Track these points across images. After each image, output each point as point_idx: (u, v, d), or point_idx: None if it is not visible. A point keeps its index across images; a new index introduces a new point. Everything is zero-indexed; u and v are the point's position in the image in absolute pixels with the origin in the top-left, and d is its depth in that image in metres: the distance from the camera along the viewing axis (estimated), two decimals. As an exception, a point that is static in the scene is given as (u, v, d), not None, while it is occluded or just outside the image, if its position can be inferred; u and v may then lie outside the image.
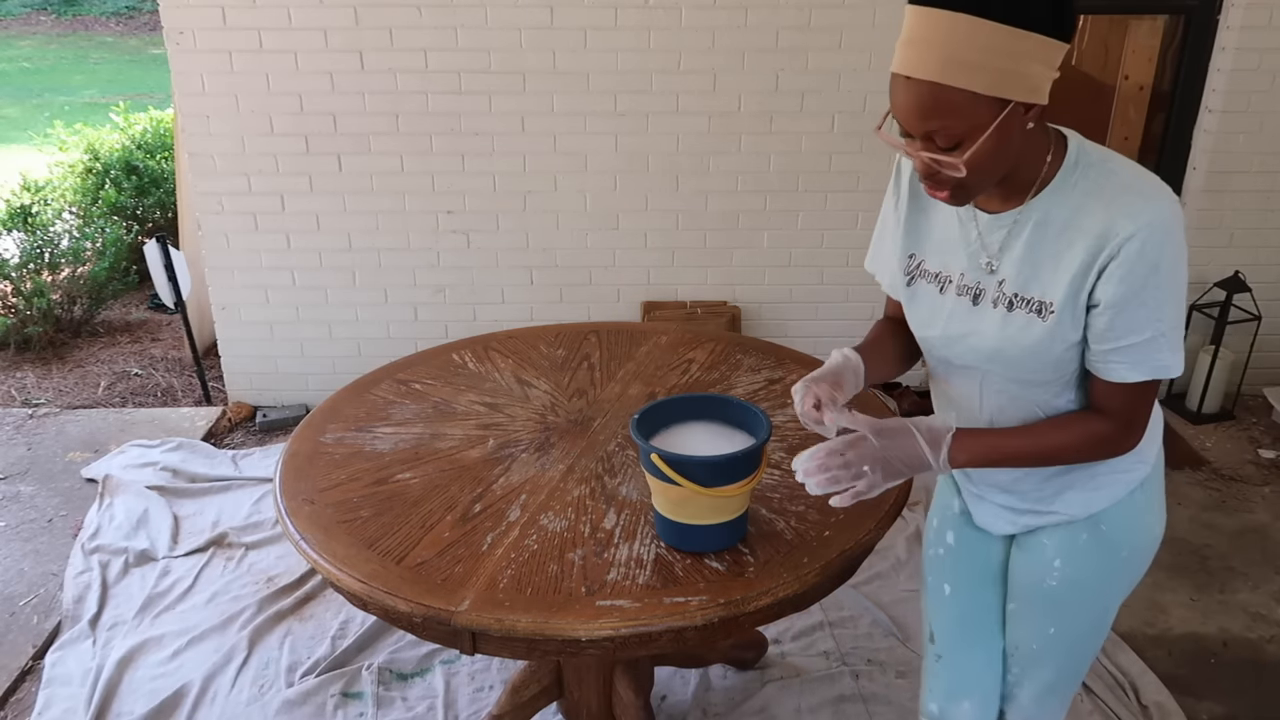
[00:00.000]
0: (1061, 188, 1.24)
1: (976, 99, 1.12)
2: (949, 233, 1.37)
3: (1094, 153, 1.25)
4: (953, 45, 1.10)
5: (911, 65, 1.13)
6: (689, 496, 1.47)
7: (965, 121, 1.13)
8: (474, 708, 2.32)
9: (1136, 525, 1.44)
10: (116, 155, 4.98)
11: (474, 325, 3.72)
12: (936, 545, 1.64)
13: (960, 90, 1.11)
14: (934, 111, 1.13)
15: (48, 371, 4.16)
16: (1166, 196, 1.20)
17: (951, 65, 1.10)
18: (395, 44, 3.37)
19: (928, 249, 1.41)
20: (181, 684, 2.37)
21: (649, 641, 1.41)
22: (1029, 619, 1.52)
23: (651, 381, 2.15)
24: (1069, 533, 1.44)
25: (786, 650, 2.49)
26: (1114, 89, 3.90)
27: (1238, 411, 3.77)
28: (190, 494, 3.19)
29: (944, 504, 1.64)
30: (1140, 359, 1.24)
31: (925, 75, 1.12)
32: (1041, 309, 1.26)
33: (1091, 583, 1.46)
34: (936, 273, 1.39)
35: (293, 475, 1.78)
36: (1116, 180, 1.21)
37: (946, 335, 1.39)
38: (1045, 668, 1.53)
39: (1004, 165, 1.20)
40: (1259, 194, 3.66)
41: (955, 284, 1.36)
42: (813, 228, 3.68)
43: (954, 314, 1.37)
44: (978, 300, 1.34)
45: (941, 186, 1.21)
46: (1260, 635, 2.58)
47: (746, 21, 3.40)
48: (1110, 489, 1.41)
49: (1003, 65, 1.10)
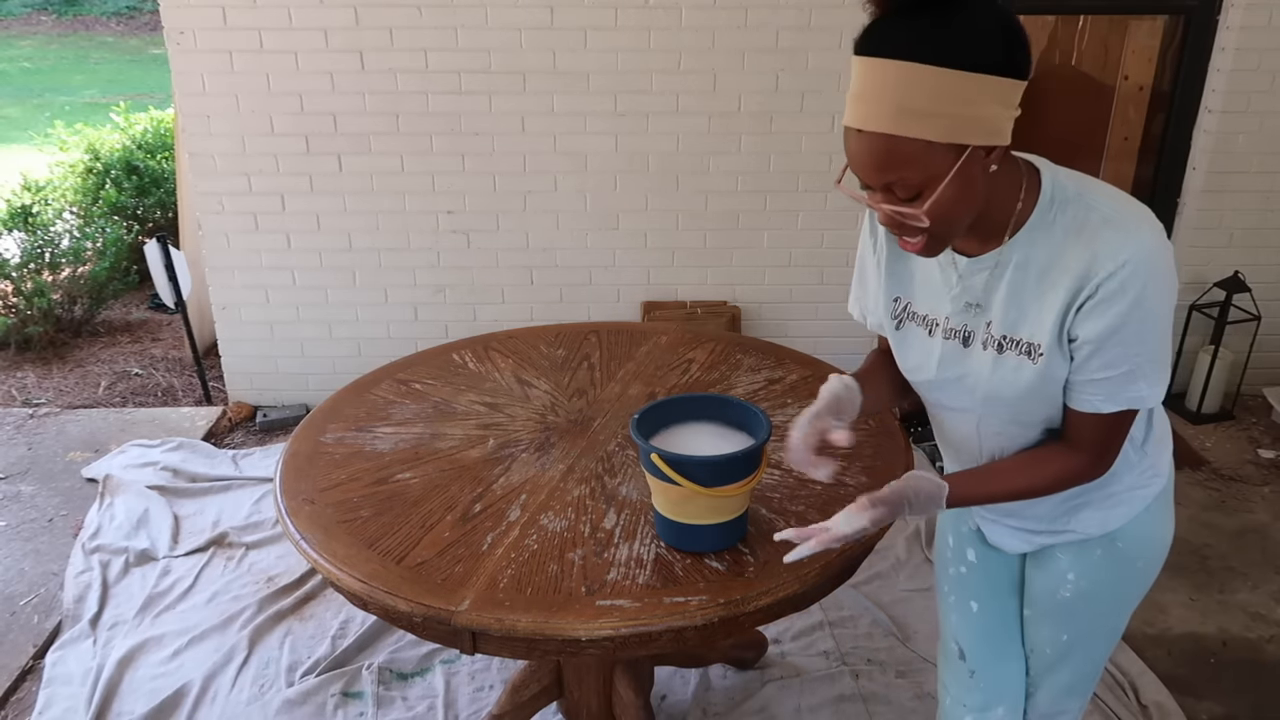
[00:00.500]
0: (1039, 225, 1.20)
1: (932, 147, 1.08)
2: (930, 276, 1.34)
3: (1070, 186, 1.21)
4: (903, 94, 1.06)
5: (862, 118, 1.10)
6: (689, 496, 1.47)
7: (922, 171, 1.10)
8: (474, 707, 2.32)
9: (1152, 536, 1.43)
10: (117, 155, 4.98)
11: (474, 325, 3.72)
12: (957, 564, 1.62)
13: (914, 140, 1.08)
14: (889, 164, 1.10)
15: (48, 371, 4.17)
16: (1148, 227, 1.16)
17: (904, 115, 1.07)
18: (395, 44, 3.37)
19: (913, 292, 1.37)
20: (182, 683, 2.38)
21: (649, 641, 1.41)
22: (1044, 626, 1.52)
23: (651, 381, 2.15)
24: (1083, 549, 1.42)
25: (786, 650, 2.49)
26: (1114, 89, 3.90)
27: (1237, 411, 3.77)
28: (190, 494, 3.19)
29: (957, 522, 1.62)
30: (1115, 390, 1.21)
31: (877, 127, 1.09)
32: (1030, 351, 1.23)
33: (1105, 594, 1.45)
34: (925, 315, 1.35)
35: (293, 475, 1.79)
36: (1096, 215, 1.17)
37: (940, 378, 1.35)
38: (1061, 671, 1.54)
39: (970, 210, 1.16)
40: (1259, 194, 3.66)
41: (943, 327, 1.33)
42: (813, 228, 3.68)
43: (945, 357, 1.33)
44: (968, 343, 1.30)
45: (911, 236, 1.17)
46: (1260, 635, 2.58)
47: (746, 21, 3.40)
48: (1127, 505, 1.39)
49: (956, 111, 1.07)
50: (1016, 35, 1.10)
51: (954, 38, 1.06)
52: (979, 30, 1.07)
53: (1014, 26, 1.10)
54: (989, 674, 1.60)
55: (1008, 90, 1.09)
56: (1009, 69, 1.08)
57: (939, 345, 1.34)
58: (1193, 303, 3.70)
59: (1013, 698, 1.59)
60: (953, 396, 1.36)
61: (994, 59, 1.07)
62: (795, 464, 1.33)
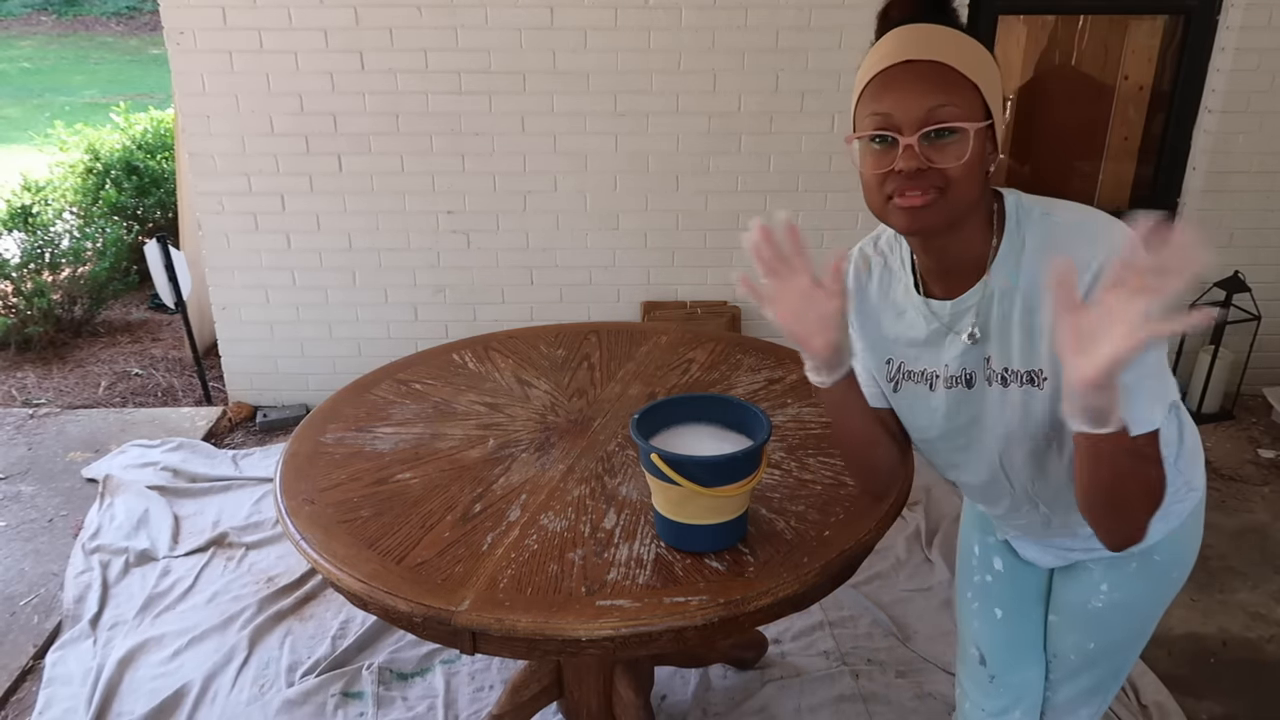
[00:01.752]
0: (1011, 250, 1.19)
1: (976, 95, 1.11)
2: (914, 333, 1.30)
3: (1032, 206, 1.20)
4: (955, 45, 1.12)
5: (916, 50, 1.11)
6: (689, 496, 1.47)
7: (966, 106, 1.10)
8: (474, 707, 2.32)
9: (1187, 549, 1.42)
10: (117, 155, 4.98)
11: (474, 325, 3.72)
12: (983, 572, 1.60)
13: (966, 77, 1.11)
14: (941, 87, 1.10)
15: (48, 371, 4.17)
16: (1118, 227, 1.14)
17: (959, 55, 1.11)
18: (395, 44, 3.37)
19: (902, 351, 1.33)
20: (182, 684, 2.37)
21: (649, 641, 1.41)
22: (1070, 634, 1.50)
23: (651, 381, 2.15)
24: (1117, 561, 1.41)
25: (786, 650, 2.49)
26: (1114, 89, 3.90)
27: (1237, 411, 3.77)
28: (190, 494, 3.19)
29: (984, 533, 1.59)
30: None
31: (934, 56, 1.10)
32: (1034, 378, 1.20)
33: (1139, 605, 1.44)
34: (921, 371, 1.31)
35: (293, 475, 1.79)
36: (1063, 229, 1.16)
37: (950, 428, 1.32)
38: (1084, 676, 1.52)
39: (973, 191, 1.13)
40: (1259, 194, 3.67)
41: (944, 377, 1.29)
42: (813, 228, 3.68)
43: (951, 407, 1.30)
44: (972, 384, 1.27)
45: (925, 190, 1.11)
46: (1260, 635, 2.58)
47: (746, 21, 3.40)
48: (1164, 521, 1.36)
49: (991, 82, 1.13)
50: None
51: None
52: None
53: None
54: (1009, 679, 1.59)
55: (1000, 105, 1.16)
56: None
57: (942, 397, 1.30)
58: (1192, 303, 3.70)
59: (1030, 700, 1.58)
60: (967, 444, 1.32)
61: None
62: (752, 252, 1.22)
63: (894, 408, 1.39)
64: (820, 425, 1.94)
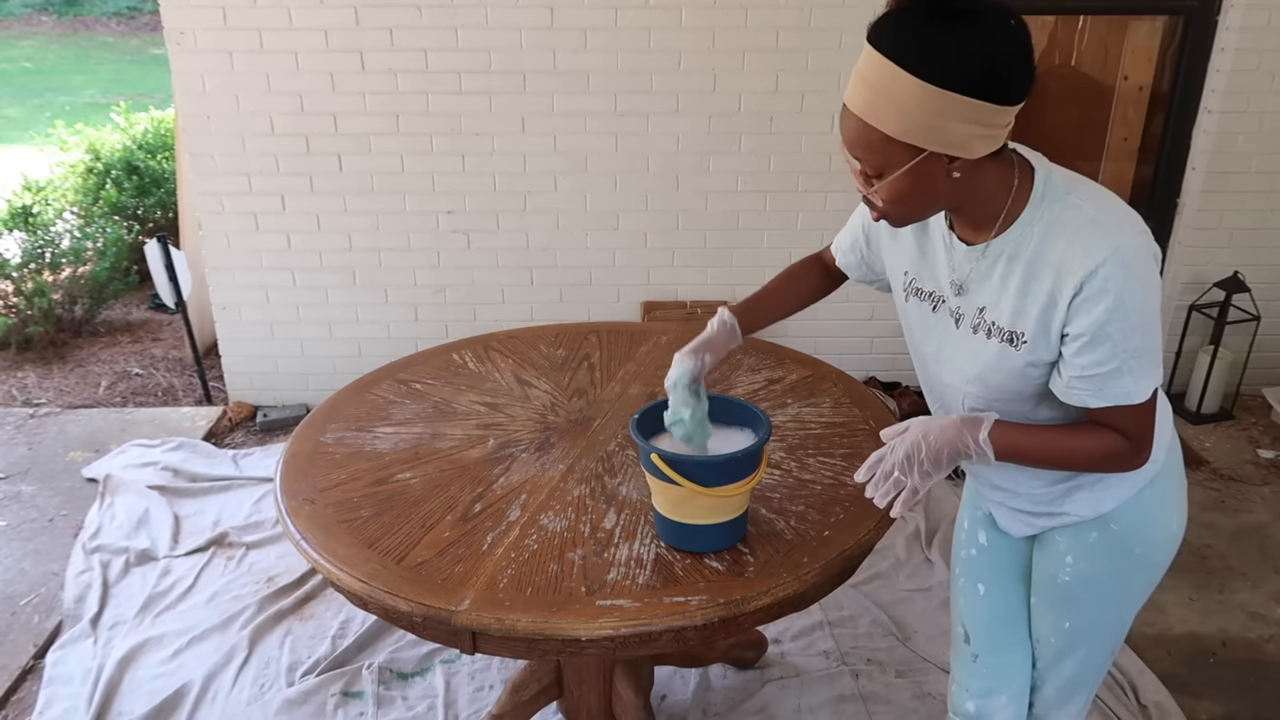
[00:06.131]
0: (1028, 222, 1.26)
1: (891, 141, 1.18)
2: (937, 256, 1.41)
3: (1060, 184, 1.26)
4: (880, 89, 1.17)
5: (849, 96, 1.22)
6: (689, 496, 1.47)
7: (880, 158, 1.21)
8: (474, 707, 2.32)
9: (1149, 522, 1.46)
10: (117, 155, 4.98)
11: (474, 325, 3.72)
12: (969, 546, 1.67)
13: (876, 130, 1.18)
14: (855, 142, 1.23)
15: (48, 371, 4.17)
16: (1129, 228, 1.21)
17: (875, 106, 1.18)
18: (395, 44, 3.37)
19: (921, 268, 1.44)
20: (182, 683, 2.38)
21: (649, 641, 1.42)
22: (1047, 613, 1.55)
23: (651, 381, 2.15)
24: (1079, 531, 1.46)
25: (786, 650, 2.50)
26: (1113, 89, 3.90)
27: (1237, 411, 3.78)
28: (191, 494, 3.20)
29: (973, 505, 1.67)
30: (1101, 386, 1.25)
31: (853, 108, 1.21)
32: (1014, 338, 1.30)
33: (1104, 578, 1.48)
34: (930, 291, 1.43)
35: (293, 475, 1.79)
36: (1080, 214, 1.23)
37: (940, 352, 1.43)
38: (1066, 661, 1.56)
39: (926, 204, 1.26)
40: (1258, 194, 3.67)
41: (946, 304, 1.40)
42: (813, 228, 3.68)
43: (945, 334, 1.41)
44: (959, 324, 1.38)
45: (872, 208, 1.29)
46: (1259, 635, 2.58)
47: (746, 21, 3.40)
48: (1117, 488, 1.42)
49: (920, 119, 1.15)
50: (1011, 62, 1.15)
51: (940, 52, 1.13)
52: (968, 51, 1.12)
53: (1012, 53, 1.15)
54: (993, 660, 1.62)
55: (981, 112, 1.15)
56: (988, 93, 1.14)
57: (942, 321, 1.41)
58: (1192, 303, 3.70)
59: (1016, 687, 1.61)
60: (946, 372, 1.43)
61: (971, 81, 1.13)
62: (668, 387, 1.53)
63: (899, 316, 1.53)
64: (820, 425, 1.95)
